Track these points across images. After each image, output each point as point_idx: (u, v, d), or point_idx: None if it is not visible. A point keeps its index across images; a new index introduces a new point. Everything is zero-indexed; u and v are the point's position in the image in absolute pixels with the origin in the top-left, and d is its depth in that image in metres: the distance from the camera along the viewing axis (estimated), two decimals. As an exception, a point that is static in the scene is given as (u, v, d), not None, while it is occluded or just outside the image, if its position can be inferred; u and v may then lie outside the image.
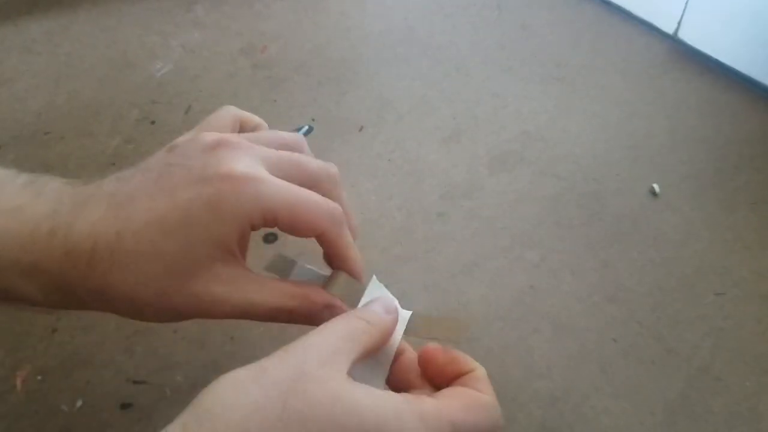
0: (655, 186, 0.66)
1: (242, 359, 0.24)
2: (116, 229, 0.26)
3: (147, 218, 0.26)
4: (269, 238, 0.58)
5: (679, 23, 0.87)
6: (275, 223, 0.28)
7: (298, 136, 0.33)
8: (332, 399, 0.22)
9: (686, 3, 0.84)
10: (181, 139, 0.30)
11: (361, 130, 0.72)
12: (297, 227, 0.28)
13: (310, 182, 0.29)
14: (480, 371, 0.29)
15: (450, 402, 0.26)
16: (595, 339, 0.52)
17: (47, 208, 0.27)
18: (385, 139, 0.70)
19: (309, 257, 0.55)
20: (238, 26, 0.88)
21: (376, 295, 0.31)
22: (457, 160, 0.68)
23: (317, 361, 0.24)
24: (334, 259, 0.31)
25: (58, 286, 0.27)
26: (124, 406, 0.45)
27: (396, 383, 0.30)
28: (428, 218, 0.62)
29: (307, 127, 0.52)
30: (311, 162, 0.30)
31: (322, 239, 0.30)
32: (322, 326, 0.26)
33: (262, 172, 0.28)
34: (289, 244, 0.57)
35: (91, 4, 0.89)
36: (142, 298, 0.27)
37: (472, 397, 0.27)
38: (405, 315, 0.31)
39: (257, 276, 0.29)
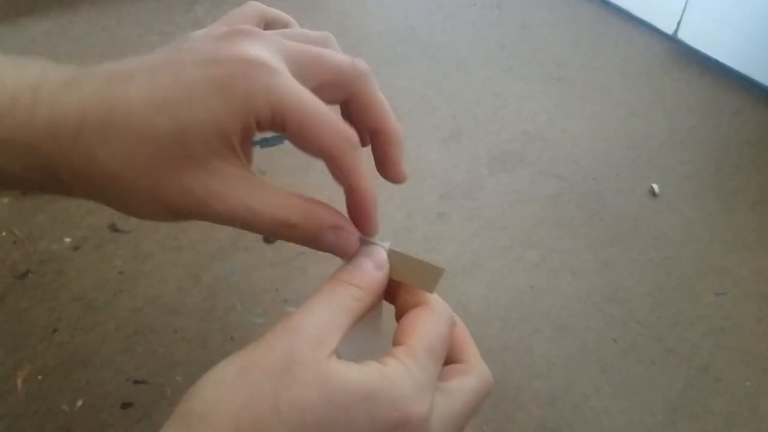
0: (655, 186, 0.66)
1: (243, 359, 0.24)
2: (109, 105, 0.24)
3: (146, 95, 0.24)
4: (269, 238, 0.58)
5: (678, 23, 0.87)
6: (282, 124, 0.25)
7: (327, 34, 0.30)
8: (323, 381, 0.22)
9: (686, 3, 0.84)
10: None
11: (361, 130, 0.71)
12: (305, 137, 0.25)
13: (335, 77, 0.27)
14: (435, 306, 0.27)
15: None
16: (595, 339, 0.52)
17: (30, 81, 0.24)
18: (385, 139, 0.70)
19: (309, 257, 0.55)
20: (238, 26, 0.88)
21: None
22: (457, 160, 0.68)
23: (307, 345, 0.22)
24: (345, 189, 0.28)
25: (38, 163, 0.24)
26: (125, 406, 0.45)
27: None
28: (428, 218, 0.61)
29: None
30: (336, 56, 0.27)
31: (331, 163, 0.26)
32: (308, 301, 0.25)
33: (280, 65, 0.25)
34: (289, 244, 0.56)
35: (90, 4, 0.89)
36: (130, 182, 0.24)
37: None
38: (384, 252, 0.28)
39: (260, 180, 0.26)
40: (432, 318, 0.26)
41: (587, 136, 0.72)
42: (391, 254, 0.28)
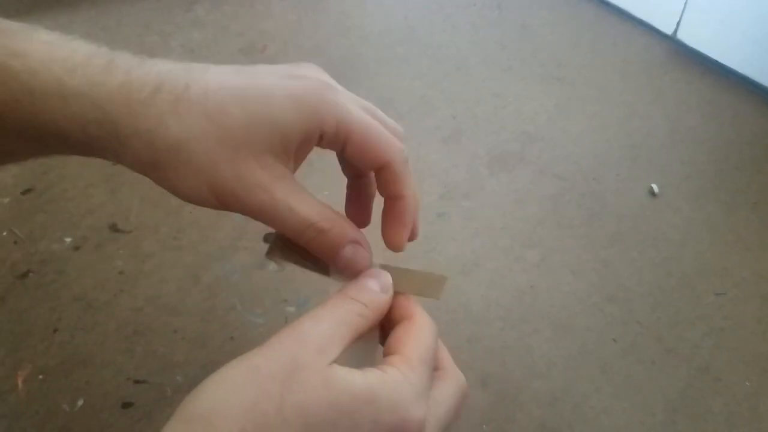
0: (655, 186, 0.66)
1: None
2: (186, 82, 0.26)
3: (222, 85, 0.26)
4: (269, 238, 0.57)
5: (678, 24, 0.87)
6: (345, 141, 0.28)
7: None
8: (327, 385, 0.22)
9: (685, 3, 0.84)
10: None
11: (361, 130, 0.72)
12: (367, 151, 0.28)
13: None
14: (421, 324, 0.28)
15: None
16: (595, 339, 0.52)
17: (103, 51, 0.26)
18: (385, 139, 0.70)
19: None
20: (238, 26, 0.88)
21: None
22: (457, 160, 0.68)
23: (311, 351, 0.23)
24: (390, 197, 0.30)
25: (102, 119, 0.25)
26: (125, 406, 0.45)
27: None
28: (428, 218, 0.62)
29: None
30: (387, 117, 0.31)
31: (386, 172, 0.29)
32: (314, 311, 0.26)
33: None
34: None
35: (90, 4, 0.89)
36: (190, 155, 0.25)
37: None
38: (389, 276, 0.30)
39: (300, 185, 0.28)
40: (423, 331, 0.27)
41: (587, 136, 0.73)
42: (392, 270, 0.30)
